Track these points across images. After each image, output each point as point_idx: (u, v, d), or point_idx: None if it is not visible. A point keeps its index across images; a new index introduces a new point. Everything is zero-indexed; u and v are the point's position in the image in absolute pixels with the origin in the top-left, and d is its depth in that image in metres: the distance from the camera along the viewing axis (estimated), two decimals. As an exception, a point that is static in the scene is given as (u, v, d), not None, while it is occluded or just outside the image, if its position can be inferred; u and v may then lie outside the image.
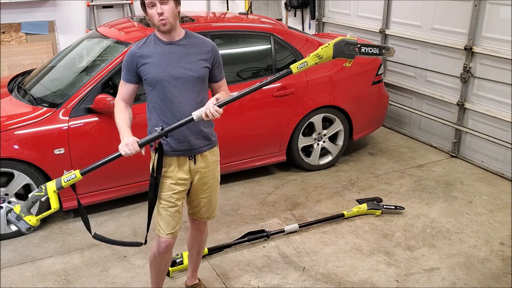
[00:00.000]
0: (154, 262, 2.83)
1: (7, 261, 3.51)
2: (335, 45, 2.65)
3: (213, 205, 2.87)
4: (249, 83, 4.44)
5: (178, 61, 2.55)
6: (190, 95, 2.57)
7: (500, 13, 4.62)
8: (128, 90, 2.63)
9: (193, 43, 2.61)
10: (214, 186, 2.82)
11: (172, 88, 2.54)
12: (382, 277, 3.37)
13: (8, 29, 5.76)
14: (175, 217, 2.70)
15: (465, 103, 5.11)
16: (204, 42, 2.64)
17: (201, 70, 2.59)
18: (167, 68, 2.53)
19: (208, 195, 2.80)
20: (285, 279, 3.35)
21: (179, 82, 2.54)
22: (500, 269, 3.46)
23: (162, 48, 2.56)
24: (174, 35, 2.56)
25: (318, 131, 4.84)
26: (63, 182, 2.50)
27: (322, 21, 7.30)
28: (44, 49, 5.94)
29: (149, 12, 2.48)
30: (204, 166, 2.71)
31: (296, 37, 4.76)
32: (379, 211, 4.11)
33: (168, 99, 2.56)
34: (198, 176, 2.71)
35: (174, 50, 2.56)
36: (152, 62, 2.54)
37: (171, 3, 2.46)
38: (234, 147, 4.47)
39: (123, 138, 2.49)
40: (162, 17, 2.44)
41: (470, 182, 4.74)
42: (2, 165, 3.55)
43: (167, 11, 2.45)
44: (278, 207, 4.27)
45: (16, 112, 3.79)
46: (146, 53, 2.55)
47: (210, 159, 2.74)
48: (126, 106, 2.64)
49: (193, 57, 2.58)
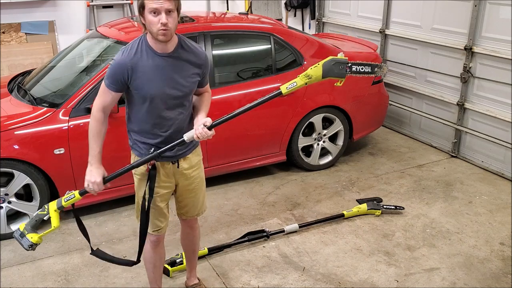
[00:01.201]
0: (147, 257, 2.85)
1: (7, 261, 3.51)
2: (324, 65, 2.58)
3: (200, 201, 2.88)
4: (249, 83, 4.44)
5: (171, 76, 2.45)
6: (178, 109, 2.54)
7: (500, 13, 4.62)
8: (112, 98, 2.47)
9: (186, 55, 2.49)
10: (200, 185, 2.82)
11: (162, 104, 2.47)
12: (382, 277, 3.37)
13: (8, 29, 5.76)
14: (159, 217, 2.72)
15: (465, 103, 5.10)
16: (197, 53, 2.54)
17: (192, 84, 2.55)
18: (159, 83, 2.43)
19: (194, 194, 2.81)
20: (285, 279, 3.35)
21: (170, 98, 2.48)
22: (500, 269, 3.46)
23: (154, 60, 2.42)
24: (169, 46, 2.43)
25: (318, 131, 4.84)
26: (63, 202, 2.57)
27: (322, 21, 7.30)
28: (44, 49, 5.94)
29: (150, 19, 2.31)
30: (188, 168, 2.69)
31: (296, 37, 4.76)
32: (379, 211, 4.11)
33: (157, 114, 2.49)
34: (183, 178, 2.70)
35: (167, 64, 2.44)
36: (145, 77, 2.41)
37: (175, 14, 2.34)
38: (234, 147, 4.48)
39: (91, 164, 2.45)
40: (165, 27, 2.29)
41: (470, 182, 4.74)
42: (2, 165, 3.55)
43: (171, 22, 2.31)
44: (278, 207, 4.27)
45: (16, 112, 3.78)
46: (138, 65, 2.40)
47: (194, 160, 2.72)
48: (104, 121, 2.49)
49: (186, 71, 2.49)
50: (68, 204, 2.57)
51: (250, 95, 4.40)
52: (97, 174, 2.45)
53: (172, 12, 2.31)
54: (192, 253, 3.09)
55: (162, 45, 2.41)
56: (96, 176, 2.44)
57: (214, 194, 4.47)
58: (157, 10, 2.28)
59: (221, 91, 4.29)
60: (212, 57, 4.28)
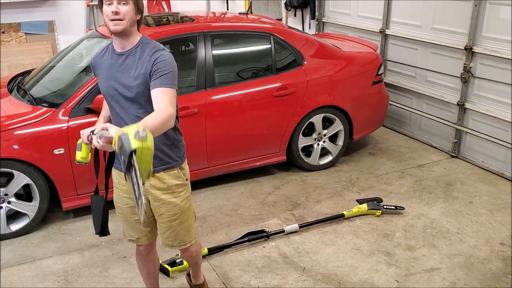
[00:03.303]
0: (139, 265, 2.85)
1: (7, 261, 3.51)
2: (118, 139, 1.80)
3: (178, 234, 2.58)
4: (249, 83, 4.44)
5: (120, 74, 2.35)
6: (131, 112, 2.36)
7: (500, 13, 4.61)
8: None
9: (140, 55, 2.32)
10: (173, 213, 2.50)
11: (114, 104, 2.41)
12: (382, 277, 3.37)
13: (8, 29, 5.76)
14: (132, 227, 2.63)
15: (465, 103, 5.10)
16: (148, 52, 2.31)
17: (137, 87, 2.30)
18: (109, 82, 2.39)
19: (165, 221, 2.53)
20: (285, 279, 3.35)
21: (119, 99, 2.38)
22: (501, 269, 3.46)
23: (111, 59, 2.40)
24: (127, 44, 2.34)
25: (318, 131, 4.84)
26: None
27: (322, 21, 7.30)
28: (44, 49, 5.93)
29: (104, 9, 2.26)
30: (158, 188, 2.45)
31: (296, 37, 4.75)
32: (379, 211, 4.11)
33: (114, 114, 2.44)
34: (150, 197, 2.48)
35: (118, 62, 2.36)
36: (101, 75, 2.44)
37: (131, 6, 2.25)
38: (234, 147, 4.47)
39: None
40: (116, 16, 2.22)
41: (470, 182, 4.73)
42: (2, 165, 3.55)
43: (124, 12, 2.23)
44: (278, 207, 4.27)
45: (16, 112, 3.78)
46: (99, 63, 2.45)
47: (168, 182, 2.46)
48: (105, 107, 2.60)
49: (132, 71, 2.32)
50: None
51: (250, 95, 4.40)
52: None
53: (125, 4, 2.24)
54: (194, 265, 2.99)
55: (120, 43, 2.35)
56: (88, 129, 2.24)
57: (214, 194, 4.46)
58: (110, 1, 2.24)
59: (221, 91, 4.29)
60: (212, 57, 4.28)
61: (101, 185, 2.49)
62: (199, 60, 4.23)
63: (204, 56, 4.24)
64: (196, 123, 4.15)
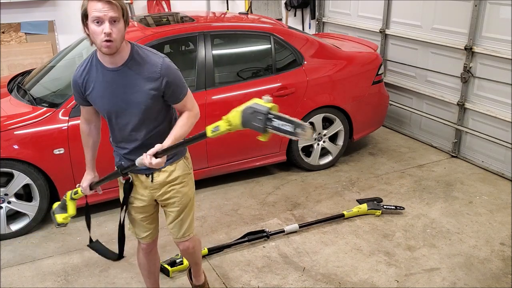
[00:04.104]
0: (140, 264, 2.85)
1: (7, 261, 3.51)
2: (244, 112, 2.13)
3: (184, 221, 2.64)
4: (249, 83, 4.44)
5: (123, 91, 2.26)
6: (143, 124, 2.34)
7: (500, 13, 4.61)
8: (86, 111, 2.46)
9: (138, 68, 2.25)
10: (183, 202, 2.58)
11: (121, 120, 2.33)
12: (382, 277, 3.37)
13: (8, 29, 5.76)
14: (139, 226, 2.66)
15: (465, 103, 5.10)
16: (151, 64, 2.26)
17: (150, 101, 2.28)
18: (112, 100, 2.28)
19: (176, 209, 2.58)
20: (285, 279, 3.35)
21: (128, 114, 2.31)
22: (501, 269, 3.46)
23: (104, 76, 2.26)
24: (118, 59, 2.22)
25: (318, 131, 4.84)
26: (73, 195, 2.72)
27: (322, 21, 7.30)
28: (44, 49, 5.93)
29: (93, 29, 2.11)
30: (167, 182, 2.50)
31: (296, 37, 4.75)
32: (379, 211, 4.11)
33: (120, 129, 2.37)
34: (159, 192, 2.53)
35: (116, 79, 2.25)
36: (96, 93, 2.30)
37: (121, 23, 2.13)
38: (234, 147, 4.47)
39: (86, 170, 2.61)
40: (109, 37, 2.09)
41: (471, 182, 4.73)
42: (2, 165, 3.55)
43: (116, 33, 2.10)
44: (278, 207, 4.27)
45: (16, 112, 3.78)
46: (88, 81, 2.29)
47: (174, 174, 2.51)
48: (89, 131, 2.52)
49: (139, 86, 2.25)
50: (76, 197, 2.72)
51: (250, 95, 4.39)
52: (85, 179, 2.59)
53: (117, 22, 2.10)
54: (194, 264, 2.98)
55: (110, 59, 2.22)
56: (84, 181, 2.59)
57: (214, 194, 4.46)
58: (100, 19, 2.08)
59: (221, 91, 4.29)
60: (212, 57, 4.28)
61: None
62: (199, 60, 4.23)
63: (204, 56, 4.25)
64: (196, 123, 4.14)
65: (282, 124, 2.09)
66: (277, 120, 2.10)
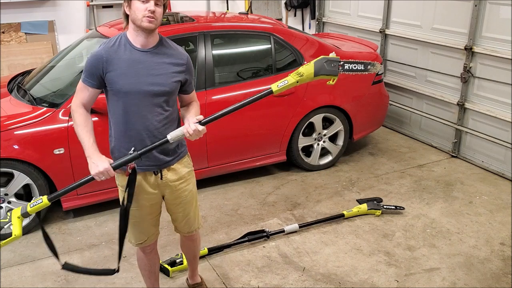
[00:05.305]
0: (141, 264, 2.85)
1: (7, 261, 3.51)
2: (316, 63, 2.52)
3: (191, 218, 2.73)
4: (249, 83, 4.44)
5: (148, 72, 2.35)
6: (157, 109, 2.40)
7: (500, 13, 4.61)
8: (90, 95, 2.39)
9: (167, 52, 2.41)
10: (189, 199, 2.66)
11: (138, 101, 2.36)
12: (382, 277, 3.37)
13: (8, 29, 5.76)
14: (142, 230, 2.64)
15: (465, 103, 5.10)
16: (178, 53, 2.46)
17: (172, 84, 2.41)
18: (135, 79, 2.33)
19: (183, 209, 2.66)
20: (285, 279, 3.35)
21: (147, 96, 2.36)
22: (500, 269, 3.46)
23: (131, 54, 2.34)
24: (150, 41, 2.36)
25: (318, 131, 4.84)
26: (28, 208, 2.38)
27: (322, 21, 7.30)
28: (44, 49, 5.93)
29: (137, 6, 2.26)
30: (174, 180, 2.56)
31: (296, 37, 4.75)
32: (379, 211, 4.11)
33: (133, 112, 2.37)
34: (169, 190, 2.57)
35: (144, 59, 2.35)
36: (119, 71, 2.32)
37: (162, 9, 2.31)
38: (234, 147, 4.47)
39: (90, 157, 2.30)
40: (152, 14, 2.26)
41: (470, 182, 4.74)
42: (2, 165, 3.55)
43: (158, 13, 2.29)
44: (278, 207, 4.27)
45: (16, 112, 3.78)
46: (114, 58, 2.33)
47: (181, 171, 2.58)
48: (87, 114, 2.40)
49: (165, 68, 2.39)
50: (34, 210, 2.38)
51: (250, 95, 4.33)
52: (102, 161, 2.29)
53: (159, 5, 2.29)
54: (193, 258, 3.03)
55: (142, 39, 2.34)
56: (103, 164, 2.28)
57: (214, 194, 4.46)
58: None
59: (221, 91, 4.29)
60: (212, 57, 4.28)
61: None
62: (199, 60, 4.23)
63: (204, 56, 4.25)
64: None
65: (354, 66, 2.73)
66: (348, 64, 2.69)
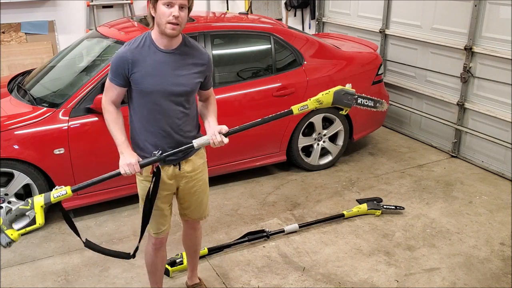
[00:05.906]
0: (149, 260, 2.86)
1: (7, 261, 3.51)
2: (335, 94, 2.91)
3: (204, 205, 2.85)
4: (249, 83, 4.44)
5: (172, 72, 2.44)
6: (178, 107, 2.51)
7: (500, 13, 4.62)
8: (117, 93, 2.49)
9: (189, 53, 2.50)
10: (203, 188, 2.79)
11: (162, 100, 2.46)
12: (382, 277, 3.37)
13: (8, 29, 5.76)
14: (160, 219, 2.70)
15: (465, 103, 5.10)
16: (200, 53, 2.54)
17: (194, 84, 2.52)
18: (160, 79, 2.42)
19: (197, 197, 2.78)
20: (285, 279, 3.35)
21: (170, 95, 2.46)
22: (500, 269, 3.46)
23: (156, 56, 2.43)
24: (173, 42, 2.44)
25: (318, 131, 4.84)
26: (52, 198, 2.38)
27: (322, 21, 7.30)
28: (44, 49, 5.94)
29: (162, 10, 2.31)
30: (191, 171, 2.67)
31: (296, 37, 4.75)
32: (379, 211, 4.11)
33: (157, 111, 2.47)
34: (185, 180, 2.67)
35: (169, 60, 2.44)
36: (144, 72, 2.41)
37: (186, 12, 2.37)
38: (234, 147, 4.45)
39: (122, 153, 2.44)
40: (176, 20, 2.31)
41: (470, 182, 4.74)
42: (2, 165, 3.55)
43: (182, 17, 2.33)
44: (278, 207, 4.27)
45: (16, 112, 3.78)
46: (139, 59, 2.41)
47: (197, 163, 2.70)
48: (118, 112, 2.51)
49: (187, 69, 2.48)
50: (57, 200, 2.40)
51: (250, 95, 4.40)
52: (131, 156, 2.44)
53: (184, 9, 2.33)
54: (194, 252, 3.08)
55: (166, 41, 2.41)
56: (131, 158, 2.42)
57: (214, 194, 4.46)
58: (171, 4, 2.30)
59: (221, 91, 4.28)
60: (212, 57, 4.28)
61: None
62: (199, 60, 4.22)
63: (204, 56, 4.24)
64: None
65: (366, 101, 3.05)
66: (361, 99, 3.03)
